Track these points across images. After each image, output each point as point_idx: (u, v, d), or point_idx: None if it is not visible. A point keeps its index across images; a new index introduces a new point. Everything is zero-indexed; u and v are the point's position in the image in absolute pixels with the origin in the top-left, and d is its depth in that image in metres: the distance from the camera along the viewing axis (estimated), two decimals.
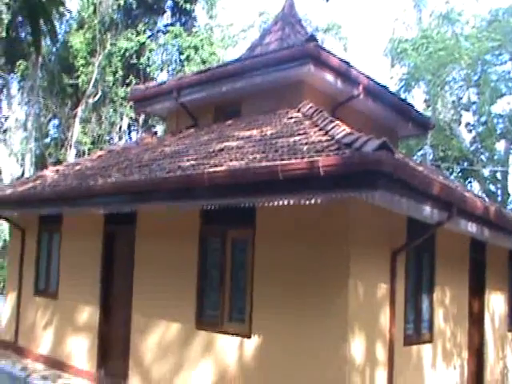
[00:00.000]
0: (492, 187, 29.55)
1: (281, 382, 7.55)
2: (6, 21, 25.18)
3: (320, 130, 8.10)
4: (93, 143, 28.59)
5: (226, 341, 8.29)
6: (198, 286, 8.90)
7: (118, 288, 10.66)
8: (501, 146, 29.55)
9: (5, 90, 28.90)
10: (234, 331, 8.23)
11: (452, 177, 27.34)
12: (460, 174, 30.21)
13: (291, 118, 9.74)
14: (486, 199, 20.49)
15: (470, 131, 30.40)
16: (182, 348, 8.91)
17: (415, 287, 8.73)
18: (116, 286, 10.73)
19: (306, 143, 7.45)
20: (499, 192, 29.00)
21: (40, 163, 28.31)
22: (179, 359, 8.93)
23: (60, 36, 27.63)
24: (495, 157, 29.38)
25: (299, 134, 8.22)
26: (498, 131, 28.90)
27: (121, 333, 10.26)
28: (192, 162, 8.40)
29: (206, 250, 9.00)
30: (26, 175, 23.85)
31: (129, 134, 31.97)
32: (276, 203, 6.78)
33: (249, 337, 7.97)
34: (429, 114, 27.19)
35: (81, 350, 11.05)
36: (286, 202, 6.69)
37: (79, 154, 27.66)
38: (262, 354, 7.83)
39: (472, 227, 8.59)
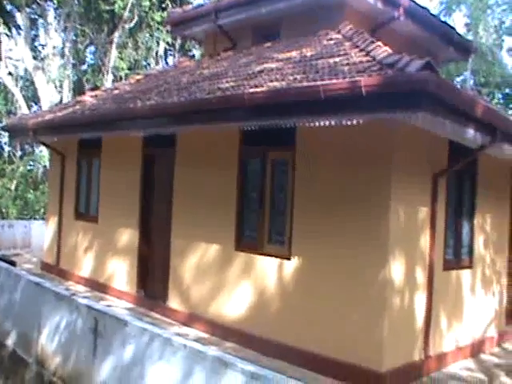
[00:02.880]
0: None
1: (319, 303, 7.66)
2: None
3: (361, 51, 7.92)
4: (130, 69, 28.55)
5: (265, 262, 8.41)
6: (237, 208, 8.98)
7: (157, 211, 10.81)
8: None
9: (42, 18, 28.74)
10: (273, 253, 8.33)
11: (493, 103, 26.64)
12: (501, 101, 29.45)
13: (331, 39, 9.53)
14: None
15: None
16: (221, 270, 9.08)
17: (456, 212, 8.66)
18: (155, 209, 10.88)
19: (347, 64, 7.30)
20: None
21: (78, 89, 28.45)
22: (218, 281, 9.11)
23: None
24: None
25: (340, 55, 8.05)
26: None
27: (160, 255, 10.47)
28: (231, 84, 8.35)
29: (246, 171, 9.03)
30: (65, 102, 23.97)
31: (165, 59, 31.86)
32: (317, 124, 6.71)
33: (288, 258, 8.07)
34: (470, 38, 26.33)
35: (121, 272, 11.35)
36: (327, 123, 6.62)
37: (116, 80, 27.64)
38: (301, 275, 7.93)
39: None
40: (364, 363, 7.00)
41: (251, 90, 7.37)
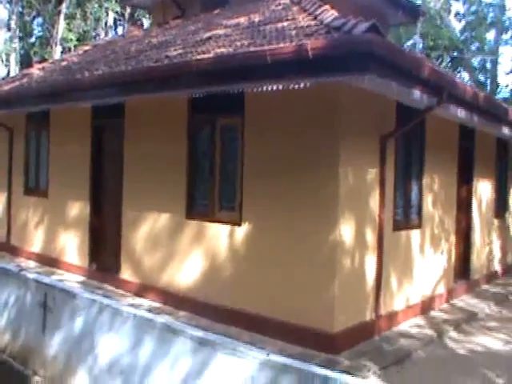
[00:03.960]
0: (481, 77, 29.33)
1: (270, 267, 7.70)
2: None
3: (309, 15, 7.91)
4: (78, 40, 27.97)
5: (216, 229, 8.39)
6: (188, 177, 8.91)
7: (108, 183, 10.67)
8: (491, 35, 29.15)
9: None
10: (224, 219, 8.32)
11: (442, 66, 26.98)
12: (450, 64, 29.86)
13: (279, 4, 9.49)
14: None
15: (460, 20, 29.86)
16: (173, 239, 9.04)
17: (404, 173, 8.76)
18: (106, 181, 10.74)
19: (295, 28, 7.29)
20: (488, 82, 28.82)
21: (25, 63, 27.73)
22: (170, 250, 9.08)
23: None
24: (485, 46, 29.01)
25: (287, 20, 8.04)
26: (489, 20, 28.38)
27: (112, 227, 10.37)
28: (179, 51, 8.31)
29: (196, 139, 8.94)
30: (12, 75, 23.33)
31: (115, 29, 31.31)
32: (265, 88, 6.68)
33: (239, 224, 8.07)
34: (418, 2, 26.50)
35: (72, 246, 11.21)
36: (274, 87, 6.58)
37: (65, 52, 27.07)
38: (252, 240, 7.95)
39: (461, 113, 8.52)
40: (316, 325, 7.06)
41: (198, 57, 7.32)
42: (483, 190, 11.93)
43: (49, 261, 11.61)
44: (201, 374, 4.06)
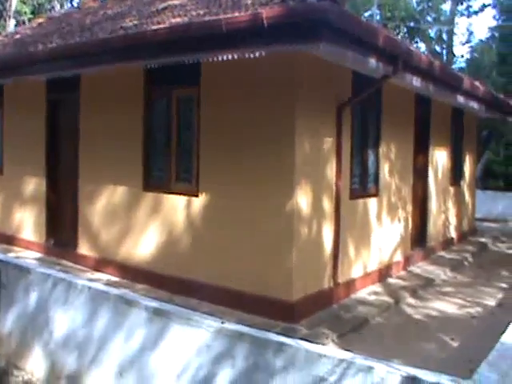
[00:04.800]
0: (437, 48, 29.63)
1: (228, 238, 7.70)
2: None
3: None
4: (33, 13, 27.32)
5: (173, 201, 8.33)
6: (144, 149, 8.81)
7: (64, 158, 10.48)
8: (447, 6, 29.37)
9: None
10: (181, 191, 8.26)
11: (399, 37, 27.15)
12: (407, 35, 30.08)
13: None
14: None
15: None
16: (130, 212, 8.95)
17: (361, 142, 8.81)
18: (62, 155, 10.54)
19: None
20: (444, 52, 29.13)
21: None
22: (127, 223, 8.99)
23: None
24: (441, 17, 29.25)
25: None
26: None
27: (69, 202, 10.21)
28: (135, 22, 8.23)
29: (152, 111, 8.82)
30: None
31: (70, 1, 30.57)
32: (220, 58, 6.66)
33: (196, 195, 8.02)
34: None
35: (29, 222, 11.00)
36: (230, 57, 6.57)
37: (19, 25, 26.38)
38: (209, 211, 7.91)
39: (417, 82, 8.59)
40: (274, 294, 7.11)
41: (154, 28, 7.24)
42: (439, 158, 12.09)
43: (5, 238, 11.38)
44: (156, 344, 4.05)
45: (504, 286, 9.87)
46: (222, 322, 3.76)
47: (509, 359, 3.36)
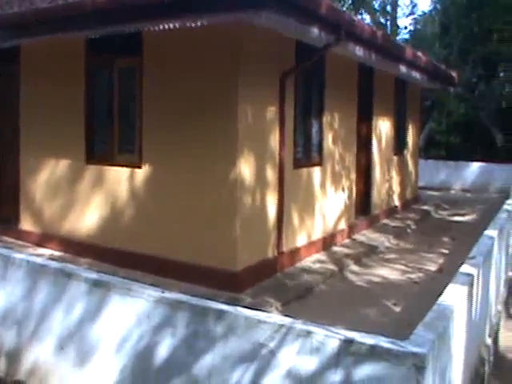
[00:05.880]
0: (382, 19, 29.83)
1: (172, 209, 7.65)
2: None
3: None
4: None
5: (116, 173, 8.21)
6: (86, 121, 8.62)
7: (4, 131, 10.15)
8: None
9: None
10: (124, 162, 8.15)
11: (344, 8, 27.20)
12: (352, 6, 30.15)
13: None
14: None
15: None
16: (73, 185, 8.78)
17: (304, 112, 8.83)
18: (2, 129, 10.21)
19: None
20: (388, 24, 29.38)
21: None
22: (70, 197, 8.82)
23: None
24: None
25: None
26: None
27: (10, 177, 9.91)
28: None
29: (94, 82, 8.64)
30: None
31: None
32: (161, 27, 6.56)
33: (139, 167, 7.93)
34: None
35: None
36: (171, 26, 6.48)
37: None
38: (153, 183, 7.84)
39: (360, 51, 8.66)
40: (219, 264, 7.12)
41: None
42: (383, 128, 12.26)
43: None
44: (96, 316, 4.00)
45: (445, 251, 10.16)
46: (162, 292, 3.74)
47: (444, 320, 3.44)
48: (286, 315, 4.01)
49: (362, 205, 11.35)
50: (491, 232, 6.45)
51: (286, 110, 7.94)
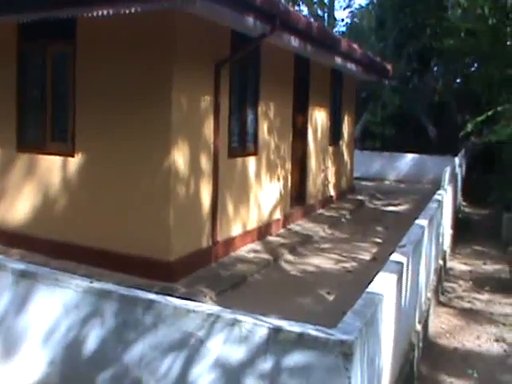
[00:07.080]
0: (320, 12, 30.00)
1: (106, 198, 7.56)
2: None
3: None
4: None
5: (48, 162, 8.03)
6: (17, 108, 8.38)
7: None
8: None
9: None
10: (56, 151, 7.97)
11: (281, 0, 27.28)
12: None
13: None
14: None
15: None
16: (3, 174, 8.53)
17: (240, 101, 8.84)
18: None
19: None
20: (326, 16, 29.59)
21: None
22: (1, 185, 8.56)
23: None
24: None
25: None
26: None
27: None
28: None
29: (25, 67, 8.39)
30: None
31: None
32: (95, 14, 6.38)
33: (72, 156, 7.78)
34: None
35: None
36: (105, 13, 6.33)
37: None
38: (86, 172, 7.71)
39: (295, 42, 8.73)
40: (153, 254, 7.08)
41: None
42: (318, 118, 12.39)
43: None
44: (23, 307, 3.91)
45: (378, 240, 10.38)
46: (91, 282, 3.68)
47: (372, 307, 3.52)
48: (220, 305, 4.03)
49: (298, 195, 11.46)
50: (422, 221, 6.58)
51: (221, 99, 7.94)
